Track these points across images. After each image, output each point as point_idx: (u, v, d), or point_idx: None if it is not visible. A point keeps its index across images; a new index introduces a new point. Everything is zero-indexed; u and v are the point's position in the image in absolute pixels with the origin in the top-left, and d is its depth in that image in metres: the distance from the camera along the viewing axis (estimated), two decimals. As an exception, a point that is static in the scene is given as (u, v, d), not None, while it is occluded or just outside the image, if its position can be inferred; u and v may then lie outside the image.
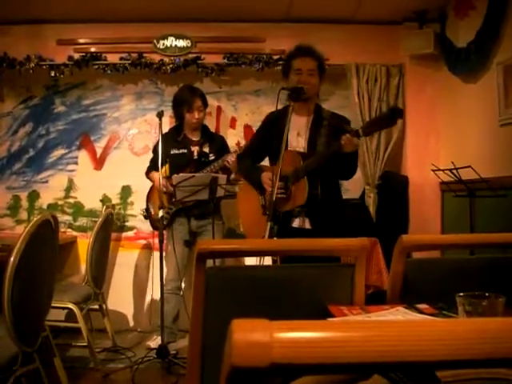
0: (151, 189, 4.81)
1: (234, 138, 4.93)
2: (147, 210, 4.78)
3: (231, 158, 4.42)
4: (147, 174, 4.80)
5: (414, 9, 5.02)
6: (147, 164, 4.83)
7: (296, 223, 3.30)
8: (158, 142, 4.61)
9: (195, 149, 4.66)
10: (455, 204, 4.71)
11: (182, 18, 5.18)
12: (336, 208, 3.37)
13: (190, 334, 1.67)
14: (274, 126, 3.36)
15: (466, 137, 4.76)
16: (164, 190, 4.39)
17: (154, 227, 4.75)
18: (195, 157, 4.63)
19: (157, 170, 4.58)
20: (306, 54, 3.39)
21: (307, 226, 3.28)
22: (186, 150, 4.63)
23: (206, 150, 4.68)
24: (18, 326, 2.49)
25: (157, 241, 4.29)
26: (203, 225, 4.61)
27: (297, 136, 3.39)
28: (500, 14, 4.07)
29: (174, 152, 4.60)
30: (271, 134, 3.34)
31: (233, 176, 4.54)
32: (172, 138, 4.64)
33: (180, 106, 4.61)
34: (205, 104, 4.68)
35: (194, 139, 4.70)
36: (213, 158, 4.62)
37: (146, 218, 4.82)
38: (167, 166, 4.58)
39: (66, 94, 5.43)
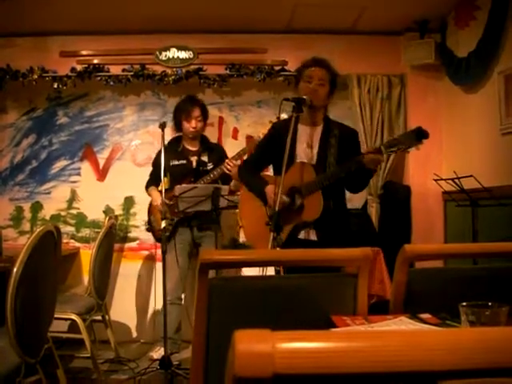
0: (152, 201, 4.82)
1: (236, 149, 4.93)
2: (149, 222, 4.80)
3: (229, 163, 4.45)
4: (146, 188, 4.84)
5: (415, 19, 5.04)
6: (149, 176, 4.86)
7: (302, 235, 3.28)
8: (157, 155, 4.65)
9: (194, 159, 4.70)
10: (458, 213, 4.71)
11: (184, 30, 5.20)
12: (342, 219, 3.34)
13: (193, 345, 1.67)
14: (279, 136, 3.29)
15: (468, 146, 4.77)
16: (160, 208, 4.46)
17: (158, 239, 4.76)
18: (194, 166, 4.66)
19: (156, 183, 4.63)
20: (319, 65, 3.36)
21: (313, 237, 3.26)
22: (185, 161, 4.66)
23: (205, 159, 4.71)
24: (20, 336, 2.49)
25: (159, 251, 4.28)
26: (202, 235, 4.65)
27: (305, 148, 3.36)
28: (501, 24, 4.08)
29: (173, 163, 4.63)
30: (276, 145, 3.28)
31: (232, 183, 4.53)
32: (171, 150, 4.65)
33: (179, 113, 4.65)
34: (204, 114, 4.72)
35: (192, 149, 4.74)
36: (211, 167, 4.65)
37: (148, 230, 4.84)
38: (168, 177, 4.60)
39: (69, 106, 5.44)
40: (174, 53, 5.27)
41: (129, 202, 5.40)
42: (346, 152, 3.19)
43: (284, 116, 3.97)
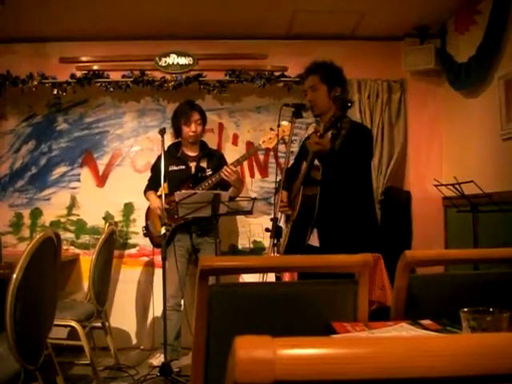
0: (149, 206, 4.82)
1: (236, 155, 4.92)
2: (146, 227, 4.80)
3: (227, 169, 4.45)
4: (145, 192, 4.84)
5: (415, 24, 5.05)
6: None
7: (309, 240, 3.29)
8: (156, 160, 4.67)
9: (193, 164, 4.70)
10: (458, 219, 4.70)
11: (183, 36, 5.22)
12: (348, 223, 3.27)
13: (193, 352, 1.66)
14: (303, 147, 3.43)
15: (469, 152, 4.76)
16: (158, 212, 4.44)
17: (155, 245, 4.75)
18: (193, 172, 4.66)
19: (155, 188, 4.64)
20: (307, 74, 3.42)
21: (316, 243, 3.26)
22: (184, 166, 4.67)
23: (204, 165, 4.71)
24: (20, 343, 2.48)
25: (159, 258, 4.27)
26: (202, 242, 4.64)
27: None
28: (501, 29, 4.08)
29: (172, 169, 4.62)
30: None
31: (230, 190, 4.54)
32: (170, 155, 4.65)
33: (178, 118, 4.65)
34: (203, 119, 4.71)
35: (191, 155, 4.74)
36: (210, 173, 4.65)
37: (145, 235, 4.83)
38: (167, 183, 4.60)
39: (69, 112, 5.44)
40: (173, 59, 5.28)
41: (128, 208, 5.39)
42: (350, 151, 3.16)
43: (284, 123, 4.00)
